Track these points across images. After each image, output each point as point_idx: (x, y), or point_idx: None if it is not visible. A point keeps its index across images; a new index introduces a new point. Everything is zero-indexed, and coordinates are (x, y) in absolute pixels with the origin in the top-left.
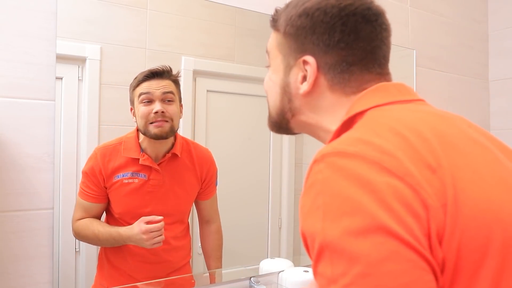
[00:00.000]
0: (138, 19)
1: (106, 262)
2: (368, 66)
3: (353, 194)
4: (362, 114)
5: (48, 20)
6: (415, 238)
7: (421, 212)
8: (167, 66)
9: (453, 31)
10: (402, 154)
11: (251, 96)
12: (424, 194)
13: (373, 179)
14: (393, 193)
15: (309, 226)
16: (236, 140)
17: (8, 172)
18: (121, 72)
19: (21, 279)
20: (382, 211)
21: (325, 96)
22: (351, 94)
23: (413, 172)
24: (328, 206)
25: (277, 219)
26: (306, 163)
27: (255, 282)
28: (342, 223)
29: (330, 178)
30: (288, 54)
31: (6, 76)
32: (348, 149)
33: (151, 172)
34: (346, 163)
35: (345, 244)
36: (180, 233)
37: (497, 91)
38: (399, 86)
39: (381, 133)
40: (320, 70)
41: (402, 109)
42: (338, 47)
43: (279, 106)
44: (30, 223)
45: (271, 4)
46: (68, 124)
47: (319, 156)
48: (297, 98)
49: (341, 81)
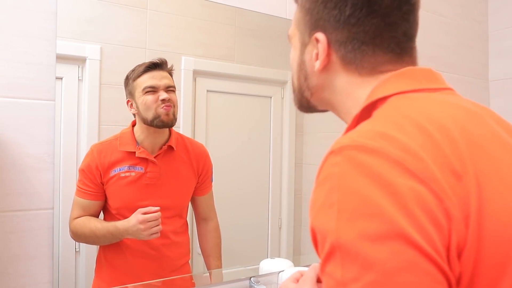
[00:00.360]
0: (138, 19)
1: (105, 262)
2: (382, 46)
3: (372, 194)
4: (384, 100)
5: (48, 20)
6: (435, 249)
7: (443, 222)
8: (163, 59)
9: (453, 31)
10: (427, 156)
11: (251, 96)
12: (448, 202)
13: (395, 181)
14: (415, 198)
15: (320, 222)
16: (236, 140)
17: (8, 172)
18: (121, 72)
19: (21, 279)
20: (403, 217)
21: (339, 75)
22: (365, 75)
23: (438, 177)
24: (344, 204)
25: (277, 219)
26: (306, 163)
27: (255, 282)
28: (358, 225)
29: (348, 174)
30: (303, 30)
31: (6, 76)
32: (369, 144)
33: (147, 164)
34: (366, 159)
35: (360, 248)
36: (179, 228)
37: (497, 91)
38: (427, 72)
39: (406, 127)
40: (331, 47)
41: (429, 100)
42: (349, 23)
43: (297, 84)
44: (30, 223)
45: (271, 4)
46: (68, 124)
47: (336, 147)
48: (313, 76)
49: (353, 60)
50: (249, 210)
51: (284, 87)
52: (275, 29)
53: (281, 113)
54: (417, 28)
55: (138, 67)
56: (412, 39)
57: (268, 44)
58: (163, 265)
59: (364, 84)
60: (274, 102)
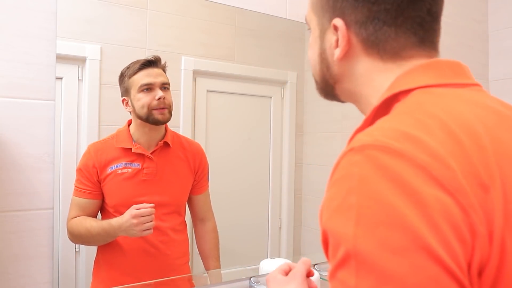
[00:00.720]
0: (138, 19)
1: (103, 263)
2: (405, 27)
3: (396, 202)
4: (407, 94)
5: (48, 20)
6: (459, 266)
7: (467, 237)
8: (157, 56)
9: (453, 31)
10: (455, 164)
11: (251, 96)
12: (474, 217)
13: (421, 189)
14: (441, 210)
15: (335, 226)
16: (236, 140)
17: (8, 172)
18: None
19: (21, 279)
20: (427, 229)
21: (360, 60)
22: (388, 60)
23: (466, 188)
24: (364, 209)
25: (277, 219)
26: (306, 163)
27: (255, 282)
28: (378, 234)
29: (369, 176)
30: (321, 14)
31: (6, 76)
32: (393, 145)
33: (144, 160)
34: (390, 162)
35: (379, 258)
36: (178, 226)
37: (497, 91)
38: (455, 65)
39: (433, 129)
40: (351, 30)
41: (456, 97)
42: (368, 1)
43: (320, 74)
44: (30, 223)
45: (271, 4)
46: (68, 124)
47: (357, 145)
48: (334, 64)
49: (375, 42)
50: (249, 210)
51: (284, 87)
52: (275, 29)
53: (281, 113)
54: (442, 4)
55: (133, 65)
56: (437, 19)
57: (268, 44)
58: (161, 264)
59: (386, 71)
60: (274, 102)
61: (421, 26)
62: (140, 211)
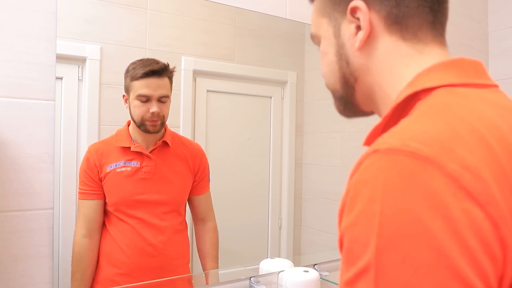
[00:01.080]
0: (138, 19)
1: (102, 263)
2: (421, 9)
3: (422, 214)
4: (429, 92)
5: (48, 20)
6: (487, 284)
7: (498, 252)
8: (166, 64)
9: (453, 31)
10: (487, 173)
11: (251, 96)
12: (506, 231)
13: (450, 202)
14: (470, 224)
15: (357, 233)
16: (236, 140)
17: (8, 172)
18: (121, 72)
19: (21, 279)
20: (454, 245)
21: (382, 41)
22: (409, 40)
23: (498, 199)
24: (387, 219)
25: (277, 219)
26: (306, 163)
27: (255, 282)
28: (402, 247)
29: (395, 184)
30: (332, 11)
31: (6, 76)
32: (423, 151)
33: (143, 159)
34: (419, 170)
35: (401, 273)
36: (178, 225)
37: None
38: (477, 65)
39: (463, 135)
40: (372, 8)
41: (481, 100)
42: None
43: (339, 76)
44: (30, 223)
45: (271, 4)
46: (68, 124)
47: (383, 147)
48: (355, 56)
49: (398, 18)
50: (249, 210)
51: (284, 87)
52: (275, 29)
53: (281, 113)
54: (448, 4)
55: (139, 68)
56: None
57: (268, 44)
58: (160, 264)
59: (407, 57)
60: (274, 102)
61: (434, 16)
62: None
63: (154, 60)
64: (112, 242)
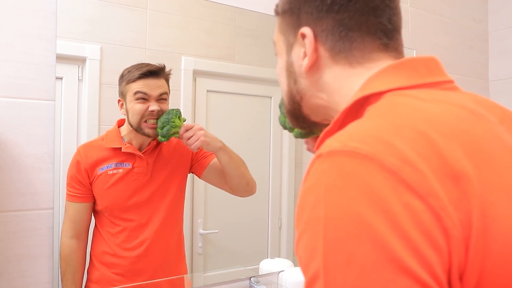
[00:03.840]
0: (138, 19)
1: (96, 261)
2: (369, 33)
3: (362, 211)
4: (379, 96)
5: (48, 20)
6: (433, 275)
7: (442, 243)
8: (162, 65)
9: (453, 31)
10: (426, 165)
11: (251, 96)
12: (448, 221)
13: (389, 196)
14: (411, 217)
15: (306, 242)
16: (236, 140)
17: (8, 172)
18: (121, 72)
19: (21, 279)
20: (397, 239)
21: (329, 69)
22: (356, 64)
23: (438, 191)
24: (331, 221)
25: (277, 219)
26: (306, 163)
27: (255, 282)
28: (346, 248)
29: (336, 185)
30: (287, 32)
31: (6, 76)
32: (362, 149)
33: (135, 160)
34: (357, 168)
35: (347, 275)
36: (173, 223)
37: (497, 91)
38: (429, 62)
39: (403, 131)
40: (318, 40)
41: (430, 99)
42: (333, 11)
43: (288, 90)
44: (31, 223)
45: (271, 4)
46: (68, 124)
47: (325, 151)
48: (302, 77)
49: (342, 49)
50: (249, 210)
51: None
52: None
53: None
54: (400, 15)
55: (135, 70)
56: (398, 29)
57: (268, 44)
58: (156, 261)
59: (355, 75)
60: (274, 102)
61: (384, 33)
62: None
63: (149, 63)
64: (104, 244)
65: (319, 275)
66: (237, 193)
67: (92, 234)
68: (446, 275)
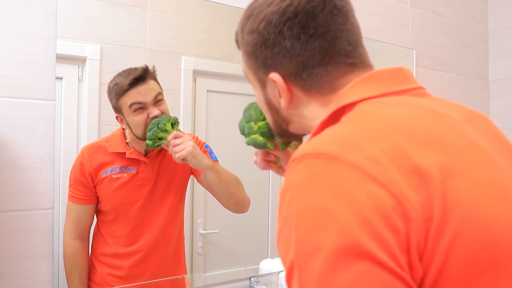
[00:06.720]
0: (138, 19)
1: (96, 262)
2: (333, 62)
3: (329, 204)
4: (352, 107)
5: (48, 20)
6: (391, 255)
7: (400, 225)
8: (145, 66)
9: (453, 31)
10: (388, 160)
11: (251, 96)
12: (408, 205)
13: (353, 188)
14: (373, 204)
15: (283, 238)
16: (236, 140)
17: (8, 172)
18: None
19: (21, 279)
20: (358, 226)
21: (305, 103)
22: (329, 94)
23: (398, 180)
24: (301, 215)
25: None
26: None
27: (255, 282)
28: (314, 238)
29: (307, 183)
30: (257, 70)
31: (6, 76)
32: (329, 151)
33: (139, 165)
34: (325, 167)
35: (315, 263)
36: (174, 226)
37: (497, 91)
38: (397, 72)
39: (369, 133)
40: (289, 82)
41: (396, 104)
42: (293, 54)
43: (273, 120)
44: (30, 223)
45: None
46: (68, 124)
47: (298, 155)
48: (282, 110)
49: (312, 86)
50: (249, 210)
51: None
52: None
53: None
54: (359, 31)
55: (121, 81)
56: (357, 45)
57: None
58: (156, 261)
59: (330, 102)
60: None
61: (347, 56)
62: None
63: (131, 68)
64: (105, 244)
65: (294, 266)
66: (226, 208)
67: (93, 235)
68: (405, 255)
